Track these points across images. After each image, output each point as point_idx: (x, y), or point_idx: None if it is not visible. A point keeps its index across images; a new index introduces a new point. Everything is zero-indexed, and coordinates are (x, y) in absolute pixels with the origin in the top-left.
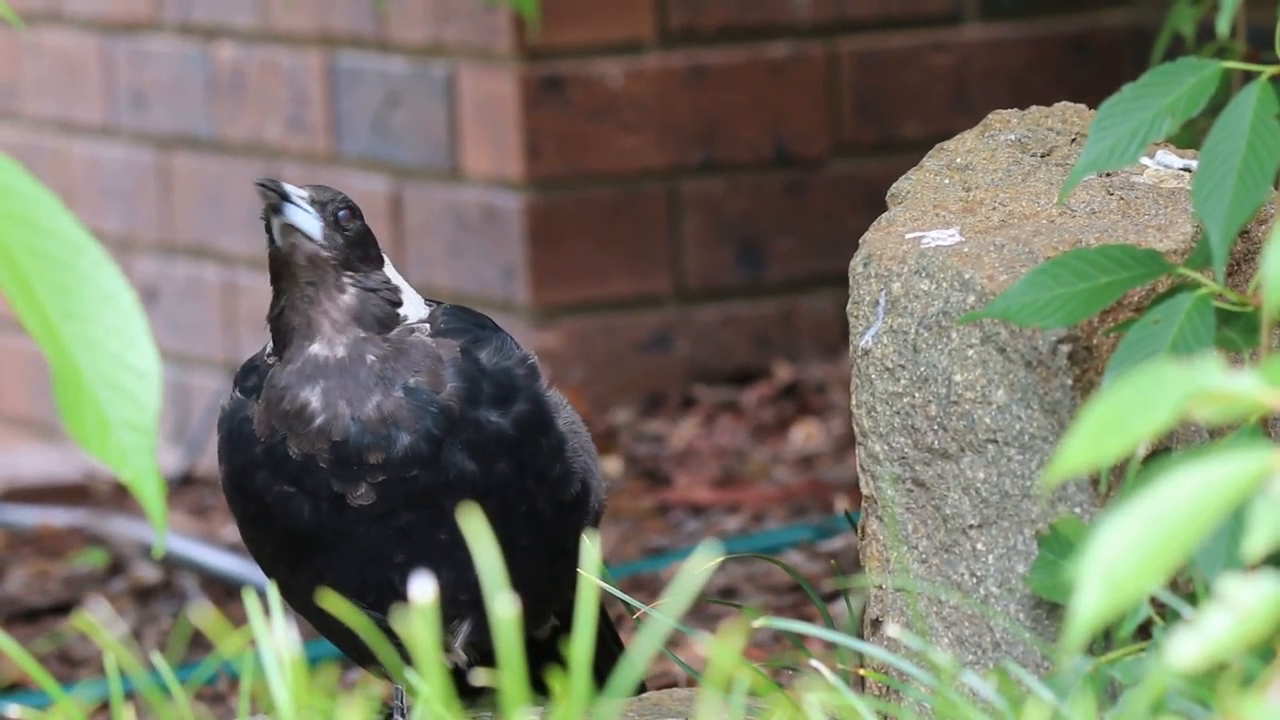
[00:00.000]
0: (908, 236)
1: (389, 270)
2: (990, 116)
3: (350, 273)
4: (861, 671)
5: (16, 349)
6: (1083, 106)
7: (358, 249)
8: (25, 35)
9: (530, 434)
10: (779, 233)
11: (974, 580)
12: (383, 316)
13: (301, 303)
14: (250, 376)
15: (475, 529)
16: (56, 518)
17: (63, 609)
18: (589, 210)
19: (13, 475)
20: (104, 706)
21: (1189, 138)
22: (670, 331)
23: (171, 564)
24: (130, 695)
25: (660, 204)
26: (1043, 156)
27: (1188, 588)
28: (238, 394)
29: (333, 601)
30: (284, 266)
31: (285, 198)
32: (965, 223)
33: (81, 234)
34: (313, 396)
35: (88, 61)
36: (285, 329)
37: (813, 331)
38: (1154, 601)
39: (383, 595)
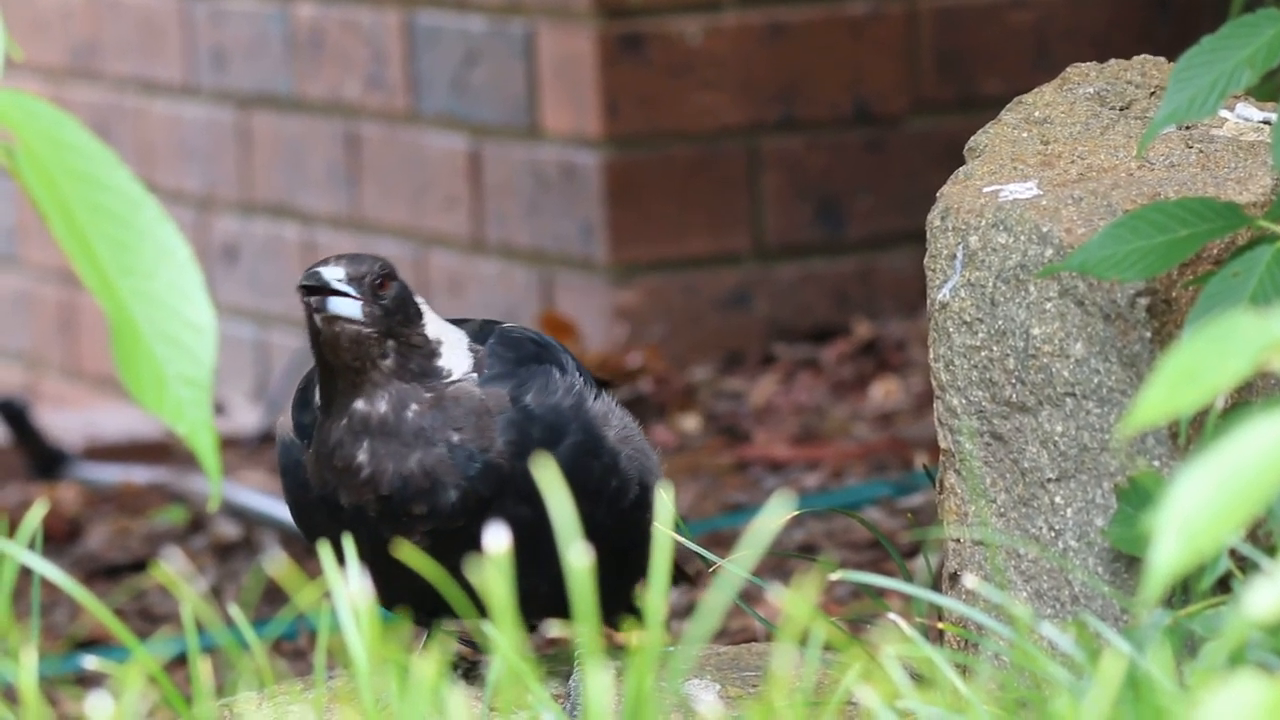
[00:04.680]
0: (985, 190)
1: (429, 320)
2: (1069, 70)
3: (391, 339)
4: (939, 625)
5: (97, 308)
6: (1162, 59)
7: (397, 314)
8: None
9: (583, 461)
10: (858, 190)
11: (1052, 534)
12: (423, 370)
13: (345, 374)
14: (305, 412)
15: (549, 481)
16: (137, 475)
17: (143, 566)
18: (668, 168)
19: (94, 433)
20: (182, 661)
21: (1269, 90)
22: (749, 289)
23: (251, 521)
24: (208, 649)
25: (739, 161)
26: (1121, 110)
27: (1267, 540)
28: (292, 434)
29: (409, 554)
30: (325, 346)
31: (329, 291)
32: (1043, 176)
33: (139, 189)
34: (359, 453)
35: (168, 21)
36: (329, 391)
37: (892, 288)
38: (1233, 554)
39: (440, 607)
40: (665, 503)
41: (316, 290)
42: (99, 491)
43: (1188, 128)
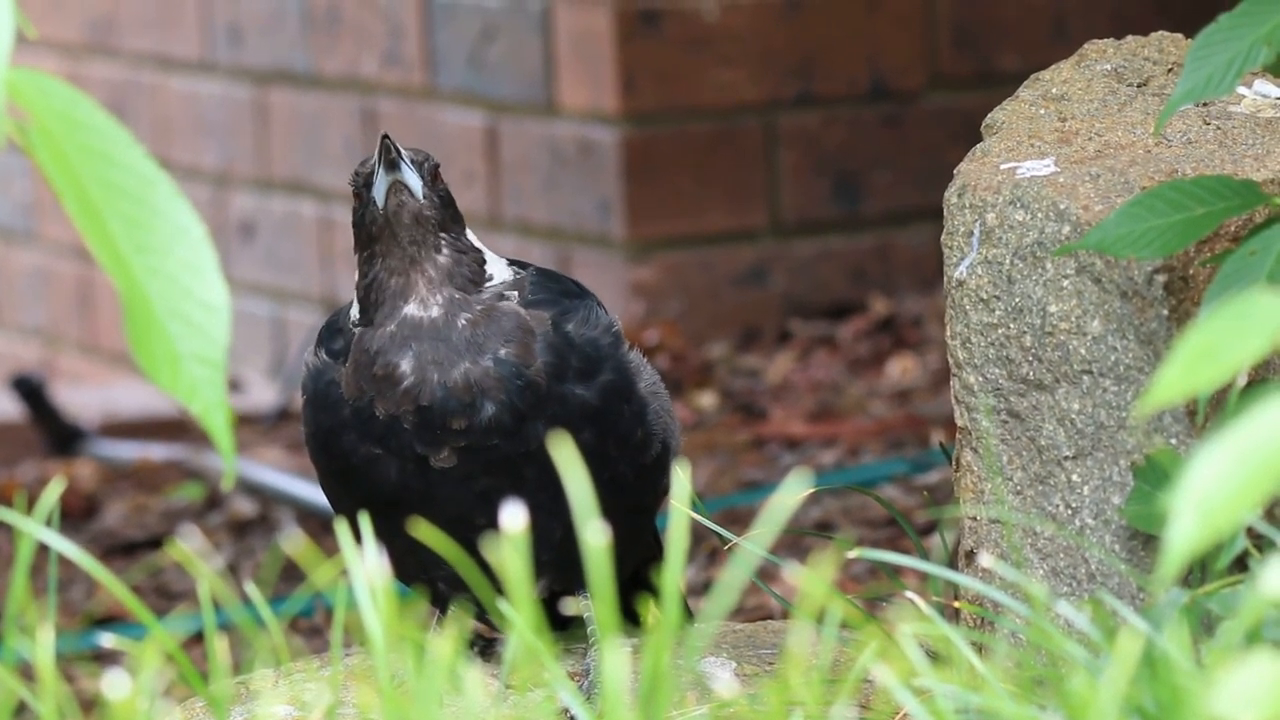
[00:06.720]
0: (1002, 167)
1: (469, 234)
2: (1086, 46)
3: (445, 233)
4: (956, 603)
5: (114, 284)
6: (1179, 36)
7: (449, 209)
8: None
9: (613, 403)
10: (875, 166)
11: (1069, 512)
12: (473, 277)
13: (401, 263)
14: (336, 339)
15: (566, 457)
16: (154, 452)
17: (159, 543)
18: (685, 144)
19: (111, 409)
20: (199, 639)
21: None
22: (766, 265)
23: (268, 498)
24: (225, 627)
25: (756, 138)
26: (1139, 86)
27: None
28: (323, 356)
29: (425, 531)
30: (385, 228)
31: (400, 155)
32: (1060, 153)
33: (153, 167)
34: (404, 361)
35: None
36: (378, 292)
37: (909, 265)
38: (1250, 533)
39: (456, 576)
40: (682, 480)
41: (394, 152)
42: (116, 468)
43: (1205, 105)
